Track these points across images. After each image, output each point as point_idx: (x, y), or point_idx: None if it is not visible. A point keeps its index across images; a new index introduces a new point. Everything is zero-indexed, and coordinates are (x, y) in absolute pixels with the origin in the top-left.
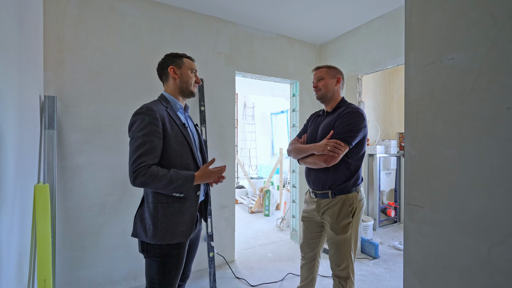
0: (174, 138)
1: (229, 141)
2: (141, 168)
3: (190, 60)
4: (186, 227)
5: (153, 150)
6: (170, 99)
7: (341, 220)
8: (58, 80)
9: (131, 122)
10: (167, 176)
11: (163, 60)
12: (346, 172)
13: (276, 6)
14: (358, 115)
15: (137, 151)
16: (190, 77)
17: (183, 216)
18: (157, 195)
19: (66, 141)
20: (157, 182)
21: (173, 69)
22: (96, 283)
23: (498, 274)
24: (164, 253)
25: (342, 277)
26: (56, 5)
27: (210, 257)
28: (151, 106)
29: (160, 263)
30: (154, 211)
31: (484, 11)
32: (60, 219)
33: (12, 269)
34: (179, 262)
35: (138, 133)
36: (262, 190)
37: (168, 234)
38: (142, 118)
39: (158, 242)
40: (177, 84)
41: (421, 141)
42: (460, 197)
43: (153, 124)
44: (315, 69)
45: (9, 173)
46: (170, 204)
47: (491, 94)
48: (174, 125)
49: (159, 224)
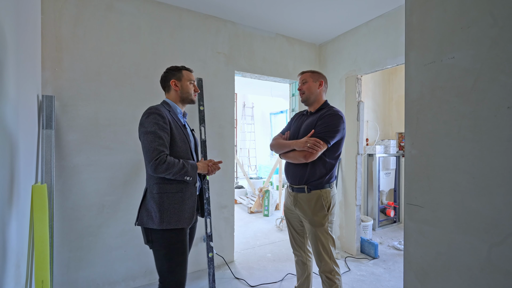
0: (178, 136)
1: (228, 141)
2: (161, 156)
3: (188, 71)
4: (188, 214)
5: (165, 143)
6: (171, 104)
7: (316, 212)
8: (56, 79)
9: (143, 120)
10: (180, 163)
11: (165, 74)
12: (322, 169)
13: (275, 6)
14: (338, 118)
15: (153, 143)
16: (190, 88)
17: (185, 204)
18: (162, 186)
19: (64, 140)
20: (175, 168)
21: (174, 82)
22: (95, 284)
23: (498, 274)
24: (168, 241)
25: (327, 270)
26: (54, 4)
27: (209, 257)
28: (157, 107)
29: (166, 250)
30: (160, 200)
31: (484, 10)
32: (58, 219)
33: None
34: (184, 248)
35: (151, 128)
36: (261, 190)
37: (173, 219)
38: (153, 116)
39: (165, 227)
40: (178, 94)
41: (422, 141)
42: (460, 197)
43: (162, 122)
44: (300, 73)
45: (6, 173)
46: (173, 194)
47: (491, 93)
48: (177, 125)
49: (165, 211)
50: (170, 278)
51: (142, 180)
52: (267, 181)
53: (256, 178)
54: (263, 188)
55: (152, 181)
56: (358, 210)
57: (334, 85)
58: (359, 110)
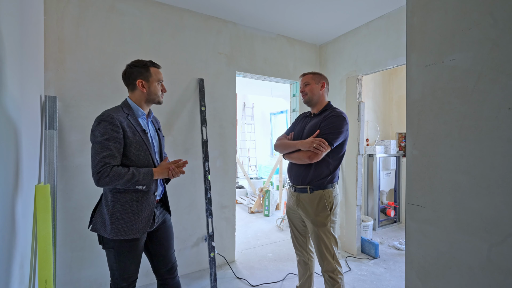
0: (134, 143)
1: (229, 141)
2: (104, 169)
3: (156, 69)
4: (143, 224)
5: (114, 153)
6: (133, 106)
7: (319, 212)
8: (58, 80)
9: (93, 128)
10: (128, 173)
11: (130, 70)
12: (325, 170)
13: (276, 7)
14: (341, 119)
15: (99, 154)
16: (158, 89)
17: (140, 214)
18: (116, 194)
19: (66, 141)
20: (121, 179)
21: (141, 83)
22: (97, 284)
23: (499, 273)
24: (118, 246)
25: (330, 269)
26: (57, 5)
27: (211, 257)
28: (111, 113)
29: (116, 254)
30: (113, 209)
31: (485, 12)
32: (60, 219)
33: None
34: (134, 254)
35: (100, 138)
36: (262, 190)
37: (124, 230)
38: (103, 124)
39: (115, 238)
40: (144, 95)
41: (423, 141)
42: (461, 197)
43: (113, 130)
44: (301, 75)
45: (11, 173)
46: (128, 203)
47: (492, 94)
48: (135, 131)
49: (117, 221)
50: (118, 275)
51: None
52: (267, 181)
53: (256, 178)
54: (264, 188)
55: (107, 188)
56: (359, 210)
57: (335, 86)
58: (359, 111)
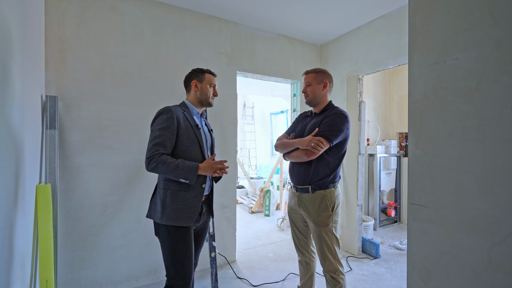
0: (186, 135)
1: (230, 140)
2: (154, 155)
3: (211, 75)
4: (190, 214)
5: (166, 142)
6: (189, 105)
7: (321, 212)
8: (59, 80)
9: (153, 119)
10: (174, 163)
11: (189, 74)
12: (325, 169)
13: (277, 6)
14: (342, 117)
15: (153, 141)
16: (209, 91)
17: (187, 204)
18: (166, 182)
19: (67, 141)
20: (165, 167)
21: (195, 83)
22: (98, 283)
23: (501, 273)
24: (172, 235)
25: (332, 269)
26: (58, 5)
27: (212, 257)
28: (169, 107)
29: (169, 244)
30: (163, 196)
31: (487, 11)
32: (61, 219)
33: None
34: (187, 244)
35: (156, 127)
36: (262, 190)
37: (172, 216)
38: (161, 116)
39: (164, 223)
40: (197, 96)
41: (425, 141)
42: (464, 197)
43: (169, 122)
44: (304, 73)
45: (12, 173)
46: (177, 192)
47: (495, 94)
48: (188, 124)
49: (167, 208)
50: (175, 273)
51: (144, 180)
52: (268, 181)
53: (257, 178)
54: (264, 188)
55: (160, 176)
56: (360, 210)
57: (336, 85)
58: (360, 110)
